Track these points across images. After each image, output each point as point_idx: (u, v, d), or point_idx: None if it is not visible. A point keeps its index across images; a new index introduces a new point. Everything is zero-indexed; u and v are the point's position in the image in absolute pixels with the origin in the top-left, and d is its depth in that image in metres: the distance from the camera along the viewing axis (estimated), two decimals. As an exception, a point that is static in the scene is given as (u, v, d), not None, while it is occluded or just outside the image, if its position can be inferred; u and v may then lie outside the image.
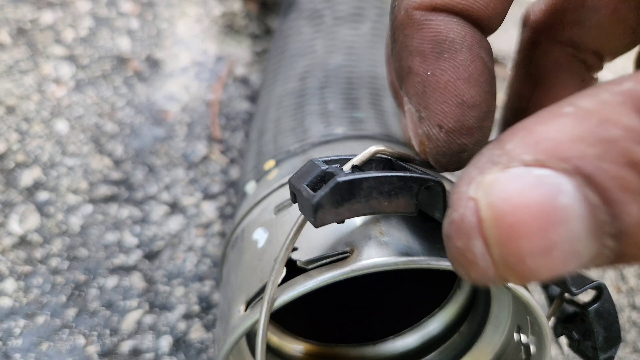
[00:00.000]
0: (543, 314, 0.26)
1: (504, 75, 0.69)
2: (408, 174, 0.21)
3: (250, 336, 0.33)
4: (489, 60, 0.21)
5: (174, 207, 0.48)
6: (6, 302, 0.41)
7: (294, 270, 0.24)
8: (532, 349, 0.30)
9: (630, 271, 0.55)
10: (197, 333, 0.42)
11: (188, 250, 0.46)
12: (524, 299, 0.25)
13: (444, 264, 0.23)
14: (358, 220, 0.25)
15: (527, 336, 0.31)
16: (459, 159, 0.22)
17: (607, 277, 0.54)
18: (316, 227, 0.21)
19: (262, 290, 0.26)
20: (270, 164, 0.35)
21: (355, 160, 0.22)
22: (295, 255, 0.25)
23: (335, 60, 0.41)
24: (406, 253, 0.23)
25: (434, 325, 0.39)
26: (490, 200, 0.14)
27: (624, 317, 0.51)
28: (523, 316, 0.31)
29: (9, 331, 0.40)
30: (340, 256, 0.24)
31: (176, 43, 0.59)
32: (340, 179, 0.20)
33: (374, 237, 0.24)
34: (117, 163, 0.50)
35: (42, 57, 0.54)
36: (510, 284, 0.25)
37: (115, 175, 0.49)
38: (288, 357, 0.38)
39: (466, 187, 0.15)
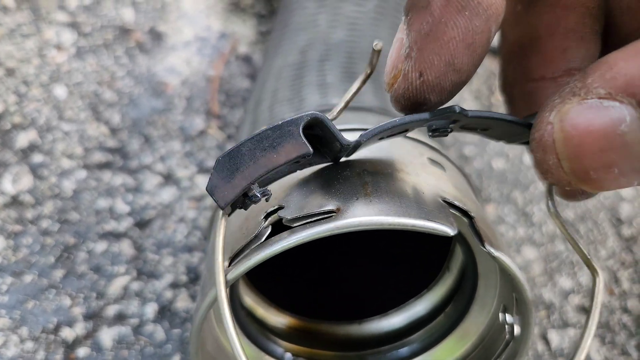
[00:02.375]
0: (528, 288, 0.26)
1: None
2: (280, 122, 0.21)
3: (233, 299, 0.33)
4: (494, 33, 0.21)
5: (168, 179, 0.48)
6: (-6, 260, 0.41)
7: (279, 228, 0.24)
8: (517, 329, 0.30)
9: (624, 274, 0.55)
10: (183, 302, 0.42)
11: (179, 221, 0.46)
12: (510, 271, 0.25)
13: (430, 225, 0.23)
14: (345, 181, 0.25)
15: (512, 315, 0.31)
16: (415, 107, 0.22)
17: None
18: (223, 209, 0.22)
19: (246, 246, 0.25)
20: (264, 131, 0.35)
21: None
22: (281, 213, 0.25)
23: (338, 35, 0.41)
24: (393, 214, 0.23)
25: (420, 306, 0.39)
26: (562, 125, 0.18)
27: (615, 319, 0.50)
28: (509, 295, 0.31)
29: (-5, 288, 0.40)
30: (326, 215, 0.24)
31: (180, 17, 0.58)
32: (220, 156, 0.22)
33: (362, 196, 0.24)
34: (114, 131, 0.49)
35: (44, 22, 0.54)
36: (497, 255, 0.25)
37: (111, 143, 0.49)
38: (272, 329, 0.38)
39: (548, 113, 0.18)
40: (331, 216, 0.24)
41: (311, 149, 0.22)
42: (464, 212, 0.26)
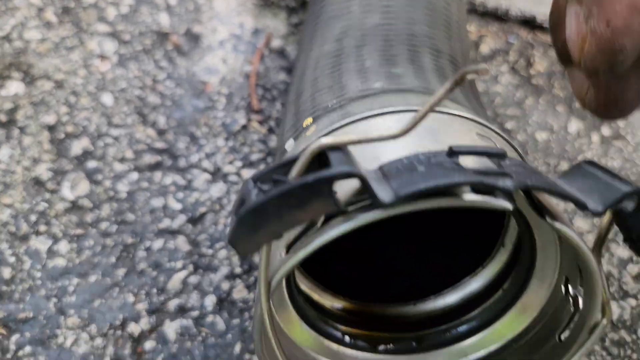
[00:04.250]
0: (593, 258, 0.26)
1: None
2: (311, 179, 0.20)
3: (289, 284, 0.34)
4: None
5: (215, 175, 0.49)
6: (60, 262, 0.43)
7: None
8: (581, 301, 0.30)
9: None
10: (239, 293, 0.44)
11: (230, 215, 0.47)
12: (572, 242, 0.25)
13: (488, 200, 0.23)
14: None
15: (576, 287, 0.30)
16: (614, 60, 0.24)
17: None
18: (243, 257, 0.21)
19: (302, 233, 0.26)
20: (308, 121, 0.36)
21: (297, 168, 0.21)
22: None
23: (372, 20, 0.41)
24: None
25: (475, 283, 0.39)
26: None
27: None
28: (572, 267, 0.30)
29: (63, 289, 0.42)
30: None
31: (214, 17, 0.60)
32: (242, 210, 0.20)
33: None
34: (160, 133, 0.51)
35: (86, 34, 0.56)
36: (559, 227, 0.24)
37: (159, 144, 0.50)
38: (329, 313, 0.38)
39: None
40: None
41: (342, 207, 0.21)
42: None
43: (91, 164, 0.48)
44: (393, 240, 0.41)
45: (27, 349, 0.39)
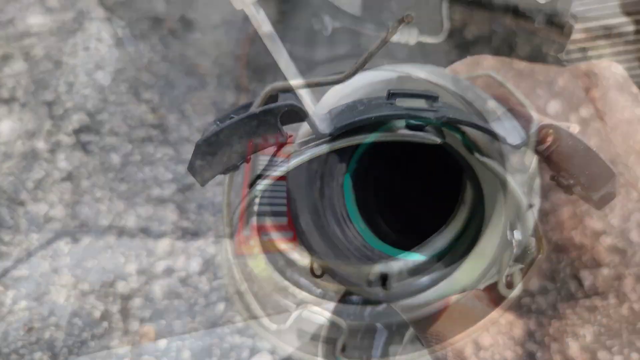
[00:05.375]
0: (517, 188, 0.28)
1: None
2: (259, 110, 0.22)
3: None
4: None
5: (204, 148, 0.52)
6: (56, 226, 0.46)
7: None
8: (518, 236, 0.31)
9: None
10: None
11: (217, 185, 0.50)
12: (494, 171, 0.27)
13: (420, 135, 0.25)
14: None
15: (517, 228, 0.32)
16: None
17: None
18: (202, 185, 0.24)
19: (261, 174, 0.28)
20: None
21: (252, 108, 0.23)
22: (290, 140, 0.27)
23: None
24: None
25: (440, 242, 0.41)
26: None
27: None
28: (514, 212, 0.32)
29: (57, 250, 0.45)
30: (328, 137, 0.26)
31: (207, 4, 0.63)
32: (200, 140, 0.22)
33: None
34: (154, 109, 0.54)
35: (86, 19, 0.59)
36: (483, 159, 0.26)
37: (152, 119, 0.53)
38: (304, 270, 0.40)
39: None
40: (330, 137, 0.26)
41: (287, 137, 0.22)
42: (457, 129, 0.28)
43: (87, 137, 0.51)
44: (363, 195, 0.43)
45: (23, 303, 0.42)
